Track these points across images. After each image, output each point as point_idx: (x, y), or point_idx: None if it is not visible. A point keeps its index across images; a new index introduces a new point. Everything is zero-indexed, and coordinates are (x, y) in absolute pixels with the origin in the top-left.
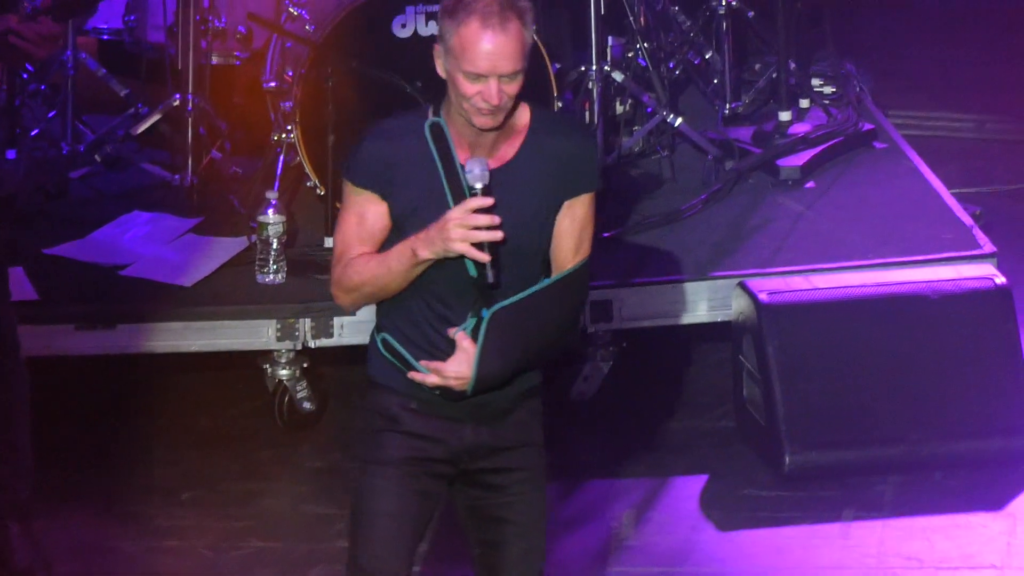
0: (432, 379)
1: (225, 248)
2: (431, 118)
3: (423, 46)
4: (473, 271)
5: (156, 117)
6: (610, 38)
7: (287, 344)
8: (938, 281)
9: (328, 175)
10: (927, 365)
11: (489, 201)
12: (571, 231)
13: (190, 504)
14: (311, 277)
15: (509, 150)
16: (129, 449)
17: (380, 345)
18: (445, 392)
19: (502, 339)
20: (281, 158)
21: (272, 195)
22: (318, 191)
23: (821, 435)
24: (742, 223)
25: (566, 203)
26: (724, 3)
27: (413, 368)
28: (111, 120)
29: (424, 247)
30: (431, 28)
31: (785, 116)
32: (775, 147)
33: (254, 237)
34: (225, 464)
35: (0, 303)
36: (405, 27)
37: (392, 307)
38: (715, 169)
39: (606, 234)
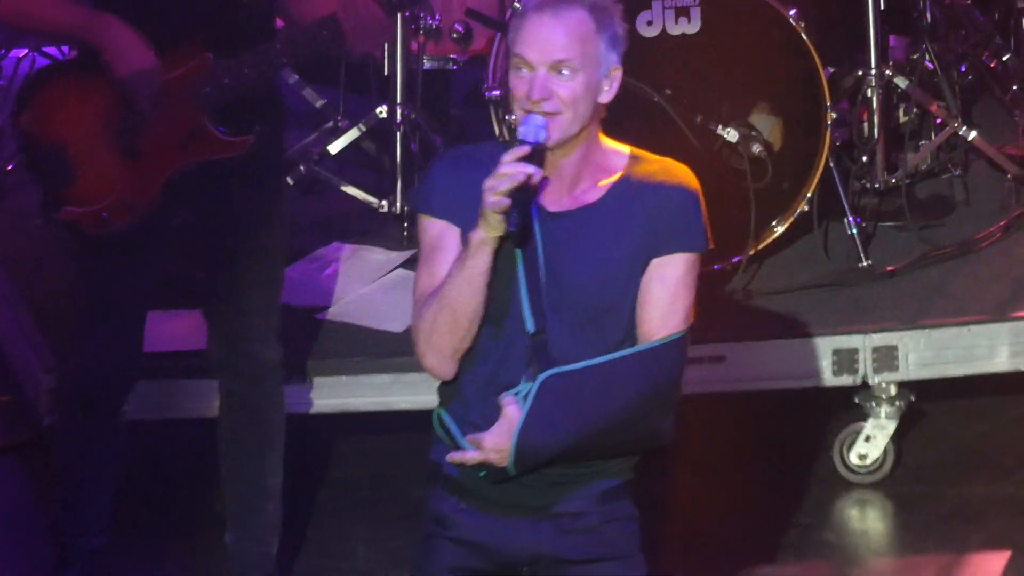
0: (471, 455)
1: None
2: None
3: (672, 46)
4: (531, 326)
5: (359, 132)
6: (892, 38)
7: None
8: None
9: None
10: None
11: (525, 150)
12: (660, 297)
13: None
14: None
15: (593, 191)
16: None
17: (435, 422)
18: (490, 472)
19: (555, 410)
20: None
21: None
22: None
23: None
24: None
25: (655, 261)
26: None
27: (459, 447)
28: (305, 135)
29: (477, 225)
30: (681, 26)
31: None
32: None
33: None
34: None
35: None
36: (651, 24)
37: (454, 379)
38: (1015, 191)
39: (889, 268)
